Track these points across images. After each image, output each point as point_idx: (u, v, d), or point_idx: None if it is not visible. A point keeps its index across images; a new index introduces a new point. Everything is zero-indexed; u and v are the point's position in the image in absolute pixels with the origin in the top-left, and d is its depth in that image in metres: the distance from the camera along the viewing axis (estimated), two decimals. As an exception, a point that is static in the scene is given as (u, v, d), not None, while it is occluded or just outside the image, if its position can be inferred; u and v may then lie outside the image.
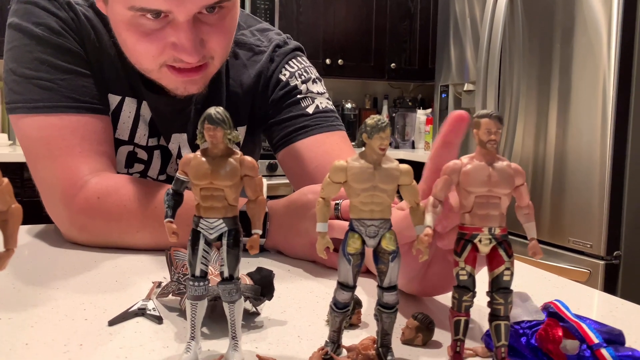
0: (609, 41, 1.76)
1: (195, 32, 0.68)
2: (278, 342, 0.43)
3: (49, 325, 0.45)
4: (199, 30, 0.69)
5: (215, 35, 0.71)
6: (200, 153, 0.38)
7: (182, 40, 0.68)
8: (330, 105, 0.91)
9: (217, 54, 0.73)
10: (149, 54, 0.71)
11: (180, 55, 0.69)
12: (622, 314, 0.53)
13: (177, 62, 0.71)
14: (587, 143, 1.83)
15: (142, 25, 0.68)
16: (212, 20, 0.70)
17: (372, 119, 0.37)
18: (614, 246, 1.81)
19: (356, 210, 0.37)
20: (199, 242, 0.38)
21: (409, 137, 3.45)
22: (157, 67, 0.72)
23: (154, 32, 0.68)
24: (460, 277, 0.38)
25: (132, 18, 0.67)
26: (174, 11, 0.66)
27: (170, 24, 0.68)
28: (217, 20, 0.71)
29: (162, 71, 0.72)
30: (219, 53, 0.74)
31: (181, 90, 0.75)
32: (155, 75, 0.74)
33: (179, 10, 0.66)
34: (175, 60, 0.71)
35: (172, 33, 0.68)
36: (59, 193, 0.72)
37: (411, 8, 3.40)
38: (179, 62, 0.71)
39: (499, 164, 0.37)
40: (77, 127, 0.74)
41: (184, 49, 0.68)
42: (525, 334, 0.40)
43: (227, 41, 0.75)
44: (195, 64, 0.71)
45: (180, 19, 0.67)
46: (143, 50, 0.71)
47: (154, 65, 0.72)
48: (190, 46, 0.68)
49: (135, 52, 0.72)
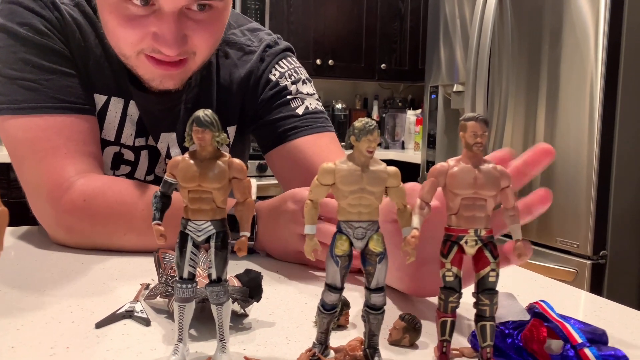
0: (597, 42, 1.78)
1: (179, 25, 0.68)
2: (266, 343, 0.43)
3: (35, 328, 0.45)
4: (184, 25, 0.69)
5: (200, 32, 0.71)
6: (188, 155, 0.38)
7: (164, 31, 0.67)
8: (319, 106, 0.92)
9: (199, 51, 0.73)
10: (127, 39, 0.70)
11: (160, 47, 0.68)
12: (606, 313, 0.54)
13: (156, 53, 0.70)
14: (574, 144, 1.85)
15: (127, 10, 0.67)
16: (199, 17, 0.70)
17: (360, 121, 0.37)
18: (600, 246, 1.83)
19: (344, 212, 0.38)
20: (186, 244, 0.38)
21: (399, 137, 3.46)
22: (135, 54, 0.71)
23: (137, 18, 0.68)
24: (446, 279, 0.38)
25: (118, 1, 0.67)
26: (160, 0, 0.65)
27: (155, 13, 0.67)
28: (204, 18, 0.70)
29: (140, 59, 0.72)
30: (202, 50, 0.73)
31: (157, 82, 0.74)
32: (132, 62, 0.73)
33: (165, 1, 0.65)
34: (154, 51, 0.70)
35: (155, 22, 0.67)
36: (44, 194, 0.71)
37: (401, 9, 3.41)
38: (157, 53, 0.70)
39: (485, 167, 0.38)
40: (62, 128, 0.74)
41: (165, 40, 0.68)
42: (510, 335, 0.41)
43: (212, 41, 0.74)
44: (174, 57, 0.70)
45: (165, 10, 0.66)
46: (122, 34, 0.70)
47: (132, 52, 0.71)
48: (171, 39, 0.67)
49: (115, 36, 0.71)
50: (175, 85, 0.76)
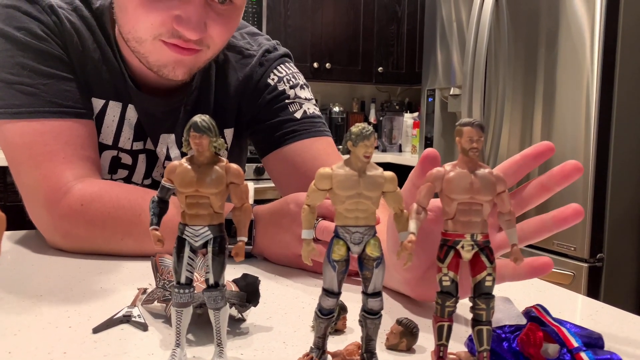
0: (592, 45, 1.79)
1: (202, 11, 0.68)
2: (263, 348, 0.43)
3: (32, 333, 0.45)
4: (207, 13, 0.69)
5: (218, 25, 0.71)
6: (186, 161, 0.38)
7: (190, 14, 0.67)
8: (317, 111, 0.92)
9: (213, 44, 0.73)
10: (148, 21, 0.69)
11: (182, 29, 0.68)
12: (603, 317, 0.54)
13: (174, 38, 0.70)
14: (571, 147, 1.86)
15: None
16: (220, 10, 0.71)
17: (357, 127, 0.37)
18: (597, 249, 1.84)
19: (341, 218, 0.38)
20: (184, 249, 0.38)
21: (396, 140, 3.47)
22: (152, 37, 0.71)
23: (162, 1, 0.68)
24: (443, 283, 0.38)
25: None
26: None
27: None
28: (224, 12, 0.71)
29: (155, 44, 0.71)
30: (216, 44, 0.74)
31: (169, 69, 0.74)
32: (146, 47, 0.72)
33: None
34: (173, 35, 0.69)
35: (179, 5, 0.67)
36: (42, 199, 0.71)
37: (398, 12, 3.42)
38: (175, 39, 0.70)
39: (481, 172, 0.38)
40: (60, 132, 0.74)
41: (189, 23, 0.68)
42: (507, 339, 0.41)
43: (226, 36, 0.75)
44: (192, 44, 0.70)
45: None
46: (143, 16, 0.69)
47: (149, 35, 0.70)
48: (196, 22, 0.68)
49: (134, 17, 0.70)
50: (184, 75, 0.75)
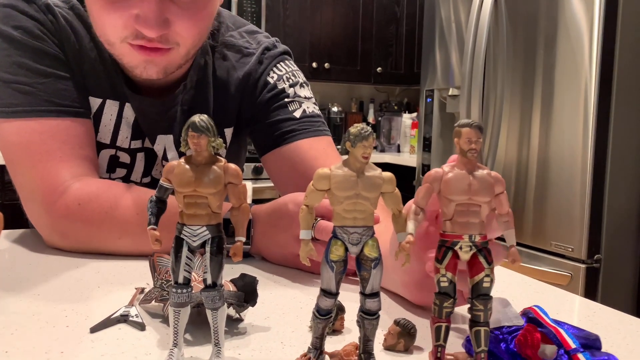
0: (591, 47, 1.79)
1: (161, 6, 0.67)
2: (261, 348, 0.43)
3: (29, 333, 0.45)
4: (167, 9, 0.68)
5: (183, 19, 0.70)
6: (184, 160, 0.38)
7: (145, 12, 0.67)
8: (317, 110, 0.92)
9: (183, 40, 0.72)
10: (111, 24, 0.69)
11: (141, 28, 0.68)
12: (600, 318, 0.55)
13: (139, 39, 0.70)
14: (569, 148, 1.86)
15: None
16: (183, 4, 0.69)
17: (356, 127, 0.37)
18: (595, 250, 1.84)
19: (339, 218, 0.38)
20: (182, 249, 0.38)
21: (394, 140, 3.47)
22: (119, 40, 0.71)
23: (120, 1, 0.67)
24: (441, 284, 0.38)
25: None
26: None
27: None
28: (189, 5, 0.70)
29: (124, 47, 0.71)
30: (186, 40, 0.72)
31: (140, 69, 0.74)
32: (117, 50, 0.73)
33: None
34: (137, 37, 0.69)
35: (137, 4, 0.67)
36: (39, 198, 0.71)
37: (397, 12, 3.42)
38: (140, 39, 0.69)
39: (479, 173, 0.38)
40: (57, 131, 0.73)
41: (146, 21, 0.67)
42: (504, 340, 0.41)
43: (197, 30, 0.74)
44: (155, 42, 0.70)
45: None
46: (106, 19, 0.69)
47: (116, 38, 0.71)
48: (153, 19, 0.67)
49: (100, 22, 0.71)
50: (158, 74, 0.75)
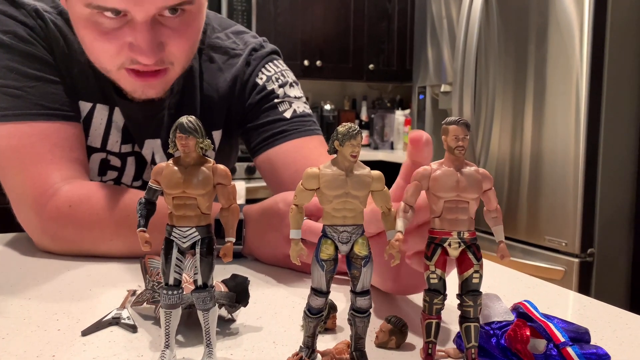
0: (581, 41, 1.80)
1: (154, 33, 0.68)
2: (253, 348, 0.43)
3: (20, 337, 0.45)
4: (159, 33, 0.68)
5: (175, 39, 0.70)
6: (172, 162, 0.38)
7: (139, 41, 0.67)
8: (307, 109, 0.92)
9: (177, 59, 0.73)
10: (106, 53, 0.70)
11: (136, 56, 0.69)
12: (590, 312, 0.55)
13: (135, 64, 0.70)
14: (561, 143, 1.87)
15: (101, 24, 0.67)
16: (173, 24, 0.70)
17: (344, 126, 0.37)
18: (588, 244, 1.85)
19: (329, 217, 0.38)
20: (172, 251, 0.38)
21: (387, 137, 3.48)
22: (116, 68, 0.71)
23: (111, 31, 0.68)
24: (430, 281, 0.38)
25: (90, 15, 0.67)
26: (131, 11, 0.65)
27: (129, 24, 0.67)
28: (179, 25, 0.70)
29: (121, 73, 0.72)
30: (179, 58, 0.73)
31: (139, 93, 0.75)
32: (114, 76, 0.73)
33: (136, 10, 0.65)
34: (133, 62, 0.70)
35: (129, 33, 0.67)
36: (29, 201, 0.70)
37: (389, 9, 3.42)
38: (136, 64, 0.70)
39: (467, 170, 0.38)
40: (47, 135, 0.73)
41: (140, 49, 0.68)
42: (495, 335, 0.41)
43: (189, 46, 0.74)
44: (152, 66, 0.70)
45: (138, 19, 0.66)
46: (100, 49, 0.70)
47: (112, 66, 0.71)
48: (147, 47, 0.67)
49: (94, 51, 0.72)
50: (157, 94, 0.76)
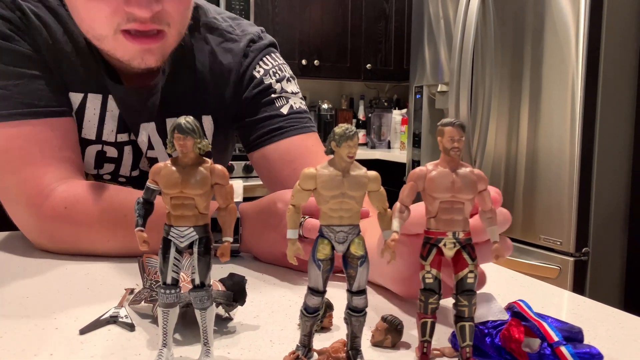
0: (577, 41, 1.81)
1: None
2: (250, 347, 0.44)
3: (18, 336, 0.45)
4: None
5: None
6: (170, 162, 0.38)
7: None
8: (303, 105, 0.91)
9: (173, 20, 0.71)
10: (101, 13, 0.67)
11: (132, 9, 0.66)
12: (584, 311, 0.56)
13: (131, 22, 0.68)
14: (557, 142, 1.88)
15: None
16: None
17: (341, 127, 0.38)
18: (583, 243, 1.86)
19: (325, 217, 0.38)
20: (169, 250, 0.38)
21: (385, 137, 3.48)
22: (112, 31, 0.69)
23: None
24: (426, 280, 0.39)
25: None
26: None
27: None
28: None
29: (118, 38, 0.69)
30: (175, 19, 0.71)
31: (138, 61, 0.72)
32: (110, 44, 0.71)
33: None
34: (129, 20, 0.67)
35: None
36: (24, 203, 0.70)
37: (386, 9, 3.43)
38: (132, 22, 0.68)
39: (462, 171, 0.39)
40: (36, 135, 0.72)
41: (137, 1, 0.65)
42: (489, 334, 0.42)
43: (184, 8, 0.72)
44: (149, 24, 0.68)
45: None
46: (94, 10, 0.67)
47: (109, 30, 0.69)
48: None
49: (88, 14, 0.69)
50: (156, 62, 0.73)
